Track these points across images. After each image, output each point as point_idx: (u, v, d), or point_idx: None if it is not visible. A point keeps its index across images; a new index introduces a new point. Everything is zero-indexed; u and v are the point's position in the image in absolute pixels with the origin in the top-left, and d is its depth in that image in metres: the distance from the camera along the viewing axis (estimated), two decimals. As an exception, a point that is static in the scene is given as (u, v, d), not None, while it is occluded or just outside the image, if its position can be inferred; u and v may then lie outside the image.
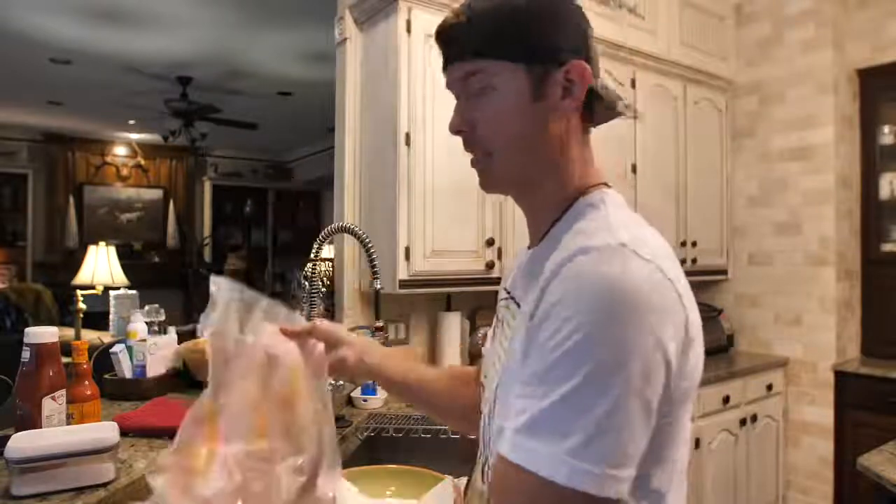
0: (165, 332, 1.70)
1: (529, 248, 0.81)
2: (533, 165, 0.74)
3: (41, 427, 1.10)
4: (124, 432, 1.15)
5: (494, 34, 0.70)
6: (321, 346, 0.89)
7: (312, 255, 1.69)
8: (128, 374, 1.56)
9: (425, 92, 2.20)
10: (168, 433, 1.22)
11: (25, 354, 1.12)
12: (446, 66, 0.75)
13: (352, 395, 2.14)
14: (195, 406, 0.80)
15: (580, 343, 0.58)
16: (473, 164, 0.77)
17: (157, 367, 1.59)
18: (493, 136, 0.73)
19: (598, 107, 0.76)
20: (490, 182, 0.78)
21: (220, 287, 0.82)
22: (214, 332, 0.80)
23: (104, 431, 1.02)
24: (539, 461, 0.58)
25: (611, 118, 0.79)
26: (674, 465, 0.68)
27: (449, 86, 0.77)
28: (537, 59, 0.71)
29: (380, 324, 1.71)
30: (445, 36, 0.74)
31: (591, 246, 0.62)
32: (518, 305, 0.76)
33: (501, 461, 0.61)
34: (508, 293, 0.82)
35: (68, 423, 1.16)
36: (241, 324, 0.83)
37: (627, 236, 0.63)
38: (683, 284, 0.65)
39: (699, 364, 0.66)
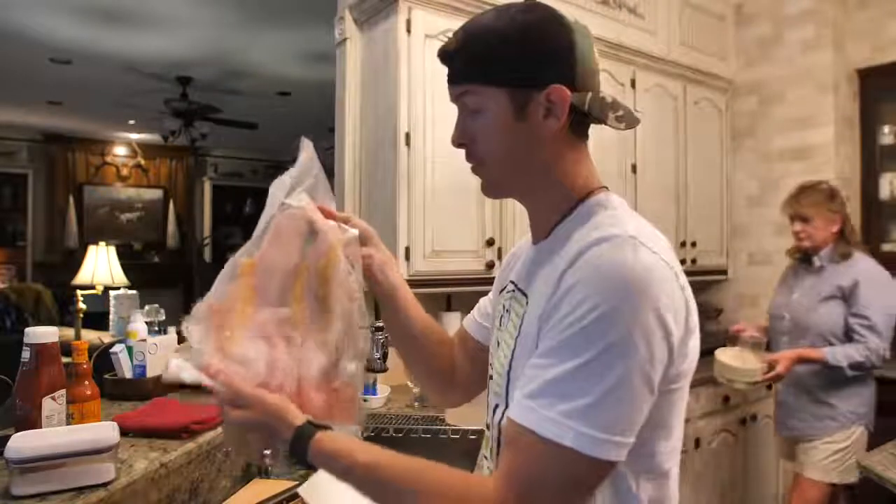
0: (165, 332, 1.70)
1: (534, 243, 0.85)
2: (525, 177, 0.81)
3: (41, 427, 1.09)
4: (124, 432, 1.14)
5: (481, 60, 0.77)
6: (356, 233, 0.90)
7: (312, 255, 1.68)
8: (128, 374, 1.56)
9: (425, 92, 2.20)
10: (168, 433, 1.22)
11: (25, 354, 1.11)
12: (448, 84, 0.83)
13: (352, 395, 2.14)
14: (228, 265, 0.81)
15: (594, 322, 0.64)
16: (474, 171, 0.85)
17: (157, 367, 1.58)
18: (486, 152, 0.81)
19: (590, 120, 0.81)
20: (489, 190, 0.86)
21: (307, 149, 0.87)
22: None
23: (104, 431, 1.02)
24: (545, 423, 0.63)
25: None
26: (675, 443, 0.74)
27: (452, 101, 0.84)
28: (519, 84, 0.76)
29: (380, 324, 1.70)
30: (442, 59, 0.82)
31: (604, 237, 0.70)
32: (525, 295, 0.80)
33: (510, 424, 0.67)
34: (515, 285, 0.86)
35: (68, 423, 1.16)
36: (290, 190, 0.85)
37: (635, 230, 0.71)
38: (683, 279, 0.71)
39: (696, 353, 0.73)
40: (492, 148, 0.80)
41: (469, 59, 0.78)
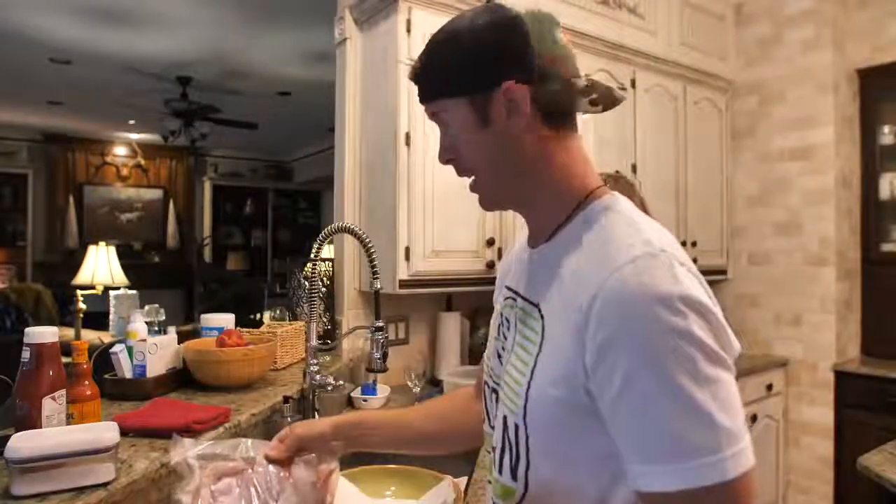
0: (165, 332, 1.70)
1: (533, 246, 0.81)
2: (515, 181, 0.79)
3: (41, 427, 1.09)
4: (124, 432, 1.14)
5: (440, 74, 0.79)
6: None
7: (312, 255, 1.69)
8: (128, 374, 1.55)
9: (425, 92, 2.20)
10: (168, 433, 1.22)
11: (25, 354, 1.11)
12: (421, 104, 0.85)
13: (352, 395, 2.14)
14: None
15: (661, 368, 0.61)
16: (470, 188, 0.84)
17: (157, 367, 1.58)
18: (470, 163, 0.80)
19: (564, 111, 0.78)
20: (485, 203, 0.84)
21: (178, 453, 0.86)
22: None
23: (104, 431, 1.02)
24: (699, 472, 0.60)
25: (592, 110, 0.82)
26: None
27: (430, 119, 0.85)
28: (475, 89, 0.76)
29: (380, 324, 1.70)
30: (413, 81, 0.83)
31: (635, 255, 0.65)
32: (536, 307, 0.76)
33: (657, 498, 0.62)
34: (516, 293, 0.82)
35: (68, 423, 1.16)
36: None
37: (660, 241, 0.67)
38: (701, 277, 0.68)
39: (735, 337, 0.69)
40: (472, 158, 0.79)
41: (430, 76, 0.80)
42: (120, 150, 8.22)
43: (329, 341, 2.34)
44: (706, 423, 0.60)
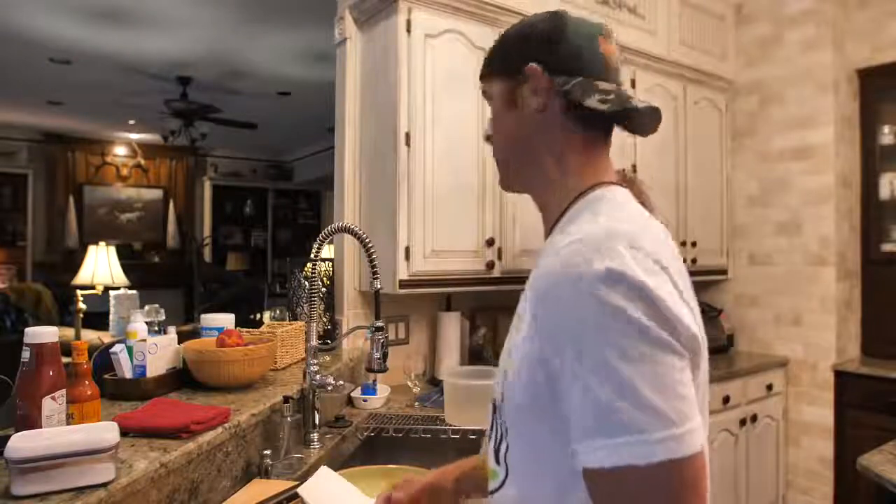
0: (165, 332, 1.70)
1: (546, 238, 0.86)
2: (526, 166, 0.82)
3: (41, 427, 1.09)
4: (124, 432, 1.14)
5: (492, 56, 0.86)
6: None
7: (312, 255, 1.69)
8: (128, 374, 1.55)
9: (425, 92, 2.20)
10: (168, 433, 1.22)
11: (25, 354, 1.11)
12: None
13: (352, 395, 2.14)
14: None
15: (581, 339, 0.60)
16: (498, 166, 0.89)
17: (157, 367, 1.58)
18: (495, 139, 0.86)
19: (599, 114, 0.78)
20: (501, 182, 0.88)
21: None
22: None
23: (104, 431, 1.02)
24: (621, 451, 0.57)
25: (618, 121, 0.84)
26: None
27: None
28: (508, 70, 0.82)
29: (380, 324, 1.70)
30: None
31: (571, 241, 0.65)
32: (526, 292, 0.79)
33: (590, 475, 0.61)
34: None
35: (68, 423, 1.16)
36: None
37: (607, 230, 0.66)
38: (668, 265, 0.65)
39: (693, 325, 0.64)
40: (498, 137, 0.85)
41: (487, 57, 0.87)
42: (120, 150, 8.22)
43: (329, 341, 2.34)
44: (631, 401, 0.57)
